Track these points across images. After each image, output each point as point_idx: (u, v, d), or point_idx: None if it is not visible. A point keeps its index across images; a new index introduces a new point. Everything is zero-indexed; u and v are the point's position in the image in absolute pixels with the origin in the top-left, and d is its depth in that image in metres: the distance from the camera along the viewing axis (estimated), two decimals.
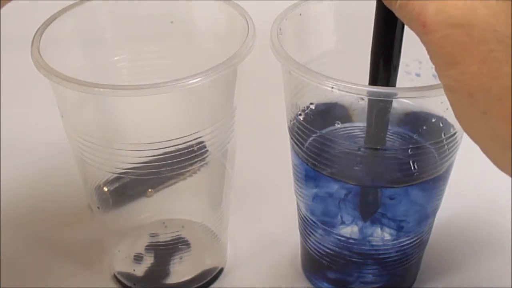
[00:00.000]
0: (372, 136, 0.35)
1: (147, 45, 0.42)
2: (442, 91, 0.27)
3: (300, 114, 0.37)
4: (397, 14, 0.28)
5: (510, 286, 0.43)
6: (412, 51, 0.34)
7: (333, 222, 0.39)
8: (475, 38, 0.25)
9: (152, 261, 0.43)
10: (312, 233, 0.41)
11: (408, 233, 0.39)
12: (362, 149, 0.36)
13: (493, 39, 0.24)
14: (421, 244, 0.41)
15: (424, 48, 0.27)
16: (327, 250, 0.41)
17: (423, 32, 0.26)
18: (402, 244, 0.40)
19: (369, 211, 0.38)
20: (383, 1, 0.29)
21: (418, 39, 0.27)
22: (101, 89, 0.33)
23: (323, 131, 0.37)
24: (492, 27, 0.25)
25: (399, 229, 0.39)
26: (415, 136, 0.37)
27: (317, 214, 0.40)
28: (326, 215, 0.39)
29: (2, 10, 0.36)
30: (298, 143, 0.38)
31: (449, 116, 0.35)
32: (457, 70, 0.25)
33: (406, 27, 0.31)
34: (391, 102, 0.34)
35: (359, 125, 0.37)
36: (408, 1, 0.27)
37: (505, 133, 0.25)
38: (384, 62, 0.33)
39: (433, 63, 0.26)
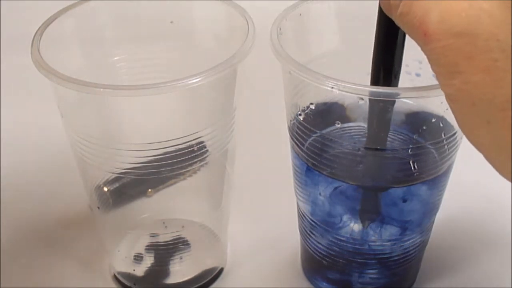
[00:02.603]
0: (373, 137, 0.35)
1: (147, 45, 0.42)
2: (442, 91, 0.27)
3: (300, 114, 0.37)
4: (397, 22, 0.28)
5: (510, 286, 0.43)
6: (412, 51, 0.34)
7: (333, 222, 0.39)
8: (479, 48, 0.24)
9: (152, 261, 0.43)
10: (312, 233, 0.41)
11: (409, 233, 0.39)
12: (362, 149, 0.36)
13: (497, 49, 0.24)
14: (421, 244, 0.41)
15: None
16: (327, 250, 0.41)
17: (425, 41, 0.26)
18: (402, 244, 0.40)
19: (369, 217, 0.38)
20: (383, 9, 0.29)
21: None
22: (101, 89, 0.33)
23: (323, 131, 0.37)
24: (495, 36, 0.24)
25: (399, 229, 0.39)
26: (415, 136, 0.37)
27: (317, 214, 0.40)
28: (326, 215, 0.39)
29: (2, 10, 0.36)
30: (298, 143, 0.38)
31: (449, 116, 0.35)
32: (460, 79, 0.25)
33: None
34: (392, 102, 0.34)
35: (359, 125, 0.37)
36: (409, 10, 0.26)
37: (509, 142, 0.25)
38: (385, 71, 0.33)
39: (435, 72, 0.26)
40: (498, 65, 0.24)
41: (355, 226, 0.39)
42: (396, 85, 0.33)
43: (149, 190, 0.42)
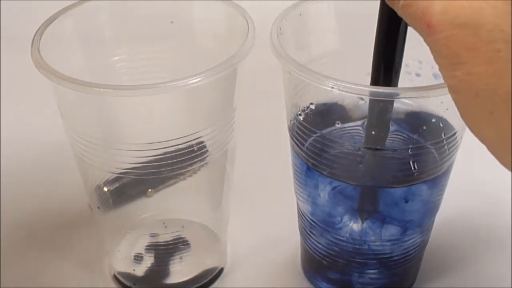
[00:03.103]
0: (373, 137, 0.35)
1: (147, 45, 0.42)
2: (442, 91, 0.27)
3: (300, 114, 0.37)
4: (400, 13, 0.28)
5: (510, 286, 0.43)
6: (412, 51, 0.34)
7: (333, 222, 0.39)
8: (482, 38, 0.24)
9: (152, 261, 0.43)
10: (312, 233, 0.41)
11: (409, 233, 0.39)
12: (362, 149, 0.36)
13: (500, 39, 0.24)
14: (422, 243, 0.41)
15: (424, 48, 0.27)
16: (327, 250, 0.41)
17: (427, 32, 0.26)
18: (402, 244, 0.40)
19: (367, 212, 0.38)
20: (386, 0, 0.29)
21: (418, 39, 0.27)
22: (101, 89, 0.33)
23: (323, 131, 0.37)
24: (498, 27, 0.24)
25: (400, 229, 0.39)
26: (415, 136, 0.37)
27: (317, 214, 0.40)
28: (326, 215, 0.39)
29: (2, 10, 0.36)
30: (298, 143, 0.38)
31: (449, 116, 0.35)
32: (463, 70, 0.25)
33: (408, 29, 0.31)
34: (391, 102, 0.34)
35: (359, 125, 0.37)
36: (412, 1, 0.26)
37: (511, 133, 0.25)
38: (386, 65, 0.32)
39: (438, 63, 0.26)
40: (502, 56, 0.24)
41: (355, 226, 0.39)
42: (397, 79, 0.33)
43: (149, 190, 0.42)
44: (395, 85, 0.33)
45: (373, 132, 0.35)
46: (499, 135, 0.25)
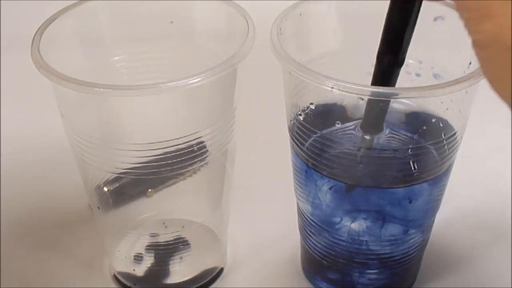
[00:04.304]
0: (370, 124, 0.35)
1: (147, 45, 0.42)
2: (442, 91, 0.27)
3: (300, 114, 0.37)
4: None
5: (510, 286, 0.43)
6: (412, 51, 0.34)
7: (333, 222, 0.39)
8: None
9: (152, 261, 0.43)
10: (312, 233, 0.41)
11: (409, 233, 0.39)
12: (362, 149, 0.36)
13: None
14: (422, 243, 0.41)
15: (424, 48, 0.26)
16: (327, 250, 0.41)
17: None
18: (403, 244, 0.40)
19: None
20: None
21: (419, 39, 0.27)
22: (101, 89, 0.33)
23: (323, 131, 0.37)
24: None
25: (400, 229, 0.39)
26: (415, 136, 0.37)
27: (317, 214, 0.40)
28: (326, 215, 0.39)
29: (2, 10, 0.36)
30: (298, 143, 0.38)
31: (449, 116, 0.35)
32: (493, 24, 0.24)
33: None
34: (389, 101, 0.34)
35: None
36: None
37: None
38: (395, 39, 0.32)
39: (463, 18, 0.25)
40: None
41: (355, 226, 0.39)
42: (402, 63, 0.33)
43: (149, 190, 0.42)
44: (397, 74, 0.33)
45: (369, 132, 0.35)
46: None
